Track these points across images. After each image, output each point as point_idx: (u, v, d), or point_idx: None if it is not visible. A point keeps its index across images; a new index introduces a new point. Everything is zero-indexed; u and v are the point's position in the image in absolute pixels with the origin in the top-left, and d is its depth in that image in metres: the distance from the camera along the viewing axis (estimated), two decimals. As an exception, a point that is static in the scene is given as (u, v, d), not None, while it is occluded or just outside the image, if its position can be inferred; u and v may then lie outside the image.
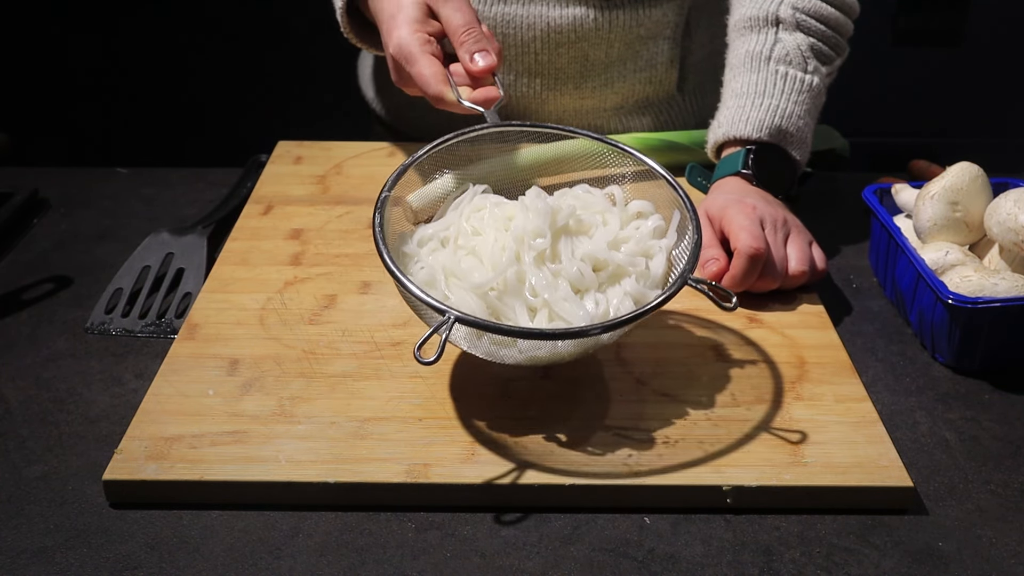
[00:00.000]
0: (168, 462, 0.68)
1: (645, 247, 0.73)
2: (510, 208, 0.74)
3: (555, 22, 1.05)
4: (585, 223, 0.74)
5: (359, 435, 0.70)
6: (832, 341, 0.82)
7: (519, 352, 0.68)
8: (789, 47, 0.95)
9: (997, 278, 0.79)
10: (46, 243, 1.00)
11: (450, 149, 0.77)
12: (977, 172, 0.86)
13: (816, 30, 0.96)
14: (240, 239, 0.96)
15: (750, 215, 0.86)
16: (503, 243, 0.71)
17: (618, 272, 0.72)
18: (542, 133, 0.79)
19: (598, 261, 0.72)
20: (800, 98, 0.94)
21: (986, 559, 0.64)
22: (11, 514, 0.66)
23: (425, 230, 0.75)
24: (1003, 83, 2.15)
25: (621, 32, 1.06)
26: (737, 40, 0.99)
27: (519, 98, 1.09)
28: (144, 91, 2.21)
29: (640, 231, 0.74)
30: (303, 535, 0.65)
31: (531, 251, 0.70)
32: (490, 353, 0.69)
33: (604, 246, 0.72)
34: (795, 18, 0.95)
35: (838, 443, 0.70)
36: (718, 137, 0.96)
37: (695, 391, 0.75)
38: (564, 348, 0.68)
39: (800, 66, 0.95)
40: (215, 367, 0.77)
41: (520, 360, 0.69)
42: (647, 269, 0.72)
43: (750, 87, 0.95)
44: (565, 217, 0.73)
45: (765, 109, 0.93)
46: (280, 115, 1.83)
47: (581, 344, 0.68)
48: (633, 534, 0.65)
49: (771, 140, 0.93)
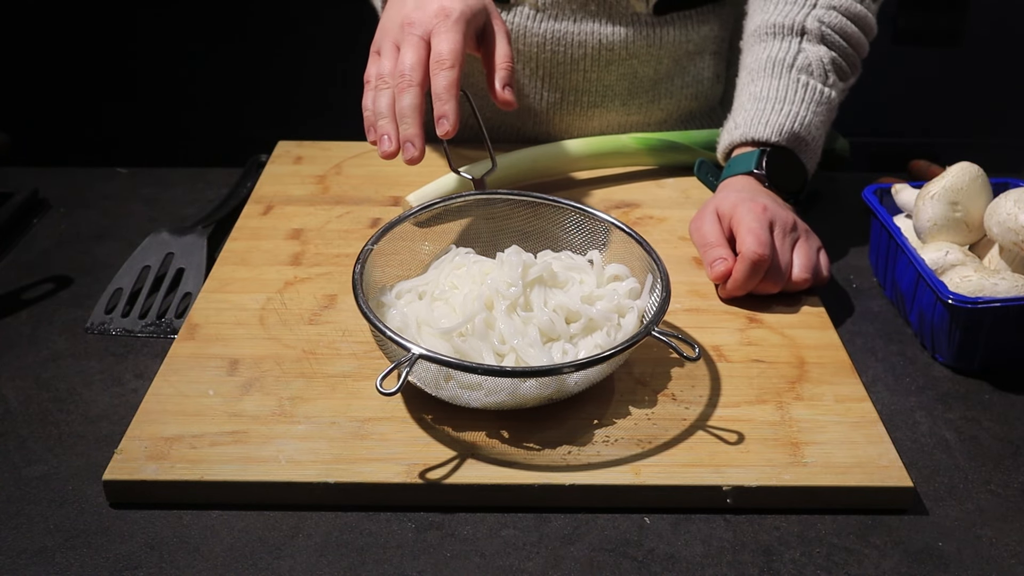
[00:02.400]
0: (168, 462, 0.68)
1: (619, 305, 0.74)
2: (488, 265, 0.77)
3: (607, 39, 1.05)
4: (561, 279, 0.76)
5: (359, 435, 0.70)
6: (832, 341, 0.82)
7: (484, 395, 0.68)
8: (812, 58, 0.95)
9: (997, 278, 0.79)
10: (46, 243, 1.00)
11: (437, 215, 0.81)
12: (977, 172, 0.86)
13: (838, 45, 0.96)
14: (240, 239, 0.96)
15: (759, 216, 0.86)
16: (476, 293, 0.73)
17: (590, 326, 0.73)
18: (528, 202, 0.82)
19: (571, 312, 0.73)
20: (818, 108, 0.95)
21: (986, 559, 0.64)
22: (11, 514, 0.66)
23: (404, 284, 0.78)
24: (1003, 83, 2.16)
25: (670, 48, 1.06)
26: (757, 45, 0.98)
27: (563, 115, 1.10)
28: (144, 91, 2.21)
29: (615, 291, 0.76)
30: (303, 535, 0.65)
31: (503, 300, 0.72)
32: (454, 397, 0.69)
33: (577, 299, 0.74)
34: (820, 31, 0.95)
35: (838, 443, 0.70)
36: (735, 138, 0.96)
37: (695, 391, 0.75)
38: (527, 390, 0.68)
39: (821, 78, 0.95)
40: (215, 367, 0.77)
41: (485, 403, 0.69)
42: (619, 325, 0.74)
43: (771, 92, 0.95)
44: (540, 270, 0.75)
45: (785, 115, 0.94)
46: (280, 115, 1.83)
47: (544, 386, 0.68)
48: (633, 534, 0.65)
49: (787, 145, 0.94)
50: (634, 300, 0.76)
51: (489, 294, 0.73)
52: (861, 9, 0.97)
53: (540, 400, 0.70)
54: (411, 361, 0.65)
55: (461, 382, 0.68)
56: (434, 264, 0.80)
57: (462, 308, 0.73)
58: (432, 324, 0.72)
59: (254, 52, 2.16)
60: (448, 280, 0.77)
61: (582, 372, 0.68)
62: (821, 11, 0.96)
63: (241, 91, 2.19)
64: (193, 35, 2.17)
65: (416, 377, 0.69)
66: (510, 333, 0.71)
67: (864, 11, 0.97)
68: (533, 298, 0.74)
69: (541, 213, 0.83)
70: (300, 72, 2.18)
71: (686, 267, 0.92)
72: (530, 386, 0.68)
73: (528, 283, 0.74)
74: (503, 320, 0.72)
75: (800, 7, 0.96)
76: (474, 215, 0.83)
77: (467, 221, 0.83)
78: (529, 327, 0.72)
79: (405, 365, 0.65)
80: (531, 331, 0.71)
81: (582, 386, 0.70)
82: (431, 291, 0.76)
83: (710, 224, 0.88)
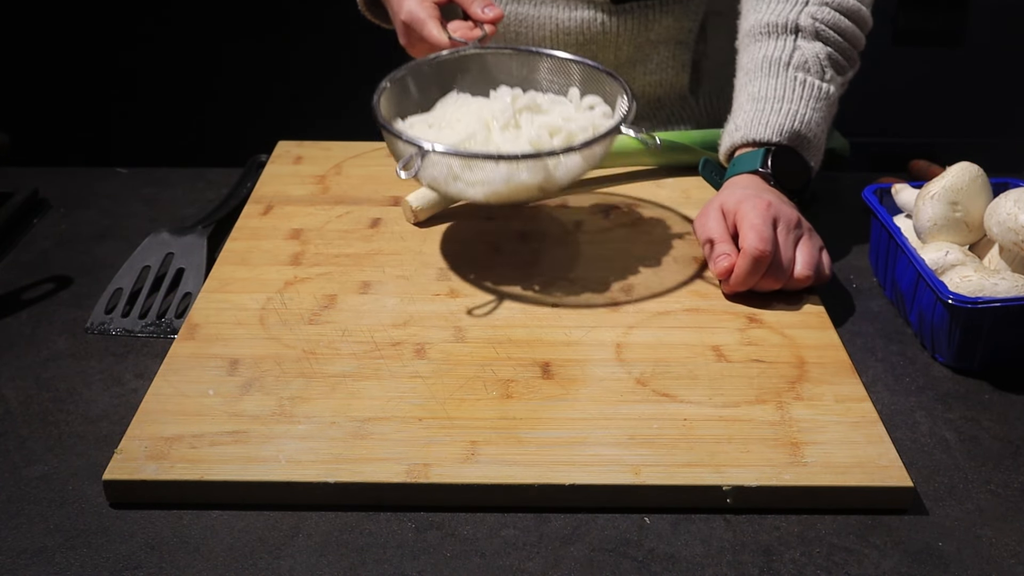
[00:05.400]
0: (168, 462, 0.68)
1: (595, 122, 0.88)
2: (485, 101, 0.92)
3: (563, 24, 1.07)
4: (544, 108, 0.91)
5: (359, 435, 0.70)
6: (832, 341, 0.82)
7: (484, 188, 0.82)
8: (808, 55, 0.95)
9: (997, 278, 0.79)
10: (46, 243, 1.00)
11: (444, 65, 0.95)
12: (977, 172, 0.86)
13: (833, 40, 0.96)
14: (240, 239, 0.96)
15: (763, 213, 0.86)
16: (476, 115, 0.88)
17: (570, 137, 0.86)
18: (516, 54, 0.96)
19: (554, 128, 0.87)
20: (817, 105, 0.95)
21: (986, 559, 0.64)
22: (11, 514, 0.66)
23: (413, 118, 0.91)
24: (1003, 83, 2.15)
25: (629, 36, 1.07)
26: (752, 45, 0.98)
27: None
28: (144, 91, 2.21)
29: (591, 112, 0.90)
30: (303, 535, 0.65)
31: (498, 121, 0.87)
32: (461, 192, 0.84)
33: (559, 118, 0.88)
34: (814, 27, 0.95)
35: (838, 443, 0.70)
36: (735, 140, 0.96)
37: (695, 391, 0.75)
38: (520, 178, 0.82)
39: (818, 74, 0.95)
40: (215, 367, 0.77)
41: (487, 194, 0.83)
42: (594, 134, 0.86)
43: (769, 91, 0.95)
44: (527, 100, 0.90)
45: (784, 114, 0.94)
46: (280, 115, 1.83)
47: (533, 173, 0.82)
48: (633, 534, 0.65)
49: (789, 144, 0.94)
50: (607, 120, 0.89)
51: (486, 117, 0.88)
52: (854, 3, 0.97)
53: (532, 191, 0.84)
54: (422, 154, 0.80)
55: (465, 179, 0.82)
56: (439, 103, 0.93)
57: (464, 129, 0.87)
58: (441, 141, 0.84)
59: (254, 52, 2.16)
60: (453, 114, 0.90)
61: (564, 162, 0.83)
62: (814, 7, 0.96)
63: (241, 91, 2.19)
64: (193, 35, 2.17)
65: (427, 175, 0.83)
66: (504, 143, 0.86)
67: (857, 4, 0.97)
68: (522, 120, 0.88)
69: (527, 62, 0.95)
70: (300, 72, 2.18)
71: (686, 267, 0.92)
72: (522, 173, 0.81)
73: (518, 109, 0.89)
74: (498, 134, 0.86)
75: (793, 5, 0.96)
76: (472, 68, 0.96)
77: (464, 73, 0.96)
78: (520, 140, 0.86)
79: (417, 157, 0.79)
80: (522, 142, 0.86)
81: (566, 179, 0.84)
82: (438, 122, 0.90)
83: (714, 220, 0.89)
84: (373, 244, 0.95)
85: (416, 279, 0.89)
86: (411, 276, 0.90)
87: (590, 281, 0.89)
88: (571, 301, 0.86)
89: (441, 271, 0.91)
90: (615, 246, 0.95)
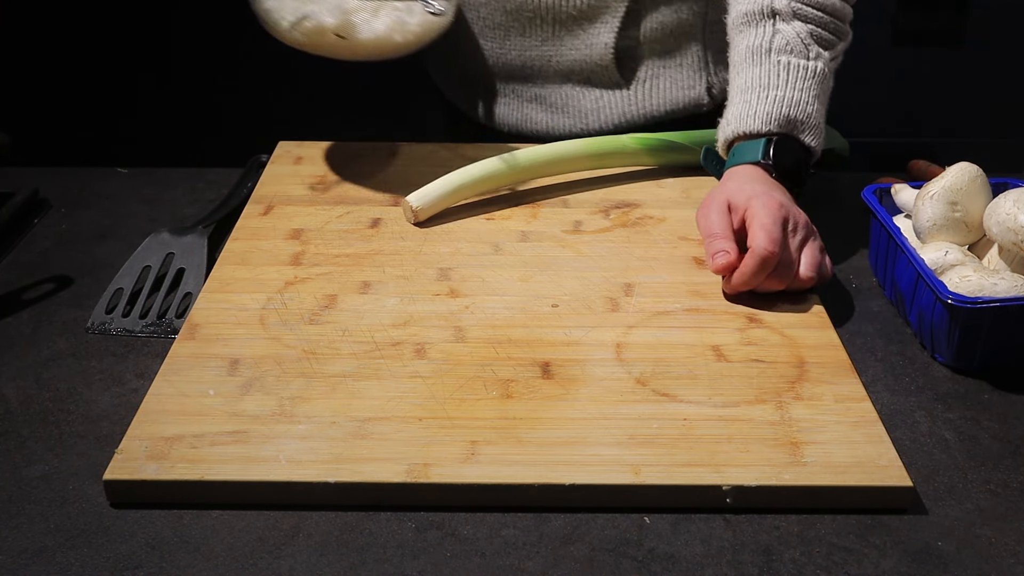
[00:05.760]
0: (168, 462, 0.68)
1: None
2: None
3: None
4: None
5: (359, 435, 0.70)
6: (832, 341, 0.82)
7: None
8: (788, 36, 0.95)
9: (997, 278, 0.79)
10: (46, 243, 1.00)
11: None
12: (977, 172, 0.86)
13: (814, 17, 0.96)
14: (240, 239, 0.96)
15: (775, 213, 0.86)
16: None
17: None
18: None
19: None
20: (806, 84, 0.94)
21: (986, 559, 0.64)
22: (11, 514, 0.66)
23: None
24: (1003, 83, 2.15)
25: (552, 9, 1.09)
26: (737, 37, 0.99)
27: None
28: (144, 91, 2.21)
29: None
30: (303, 535, 0.65)
31: None
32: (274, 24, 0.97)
33: None
34: (791, 7, 0.95)
35: (837, 443, 0.70)
36: (728, 135, 0.96)
37: (695, 391, 0.75)
38: (324, 19, 0.93)
39: (802, 54, 0.95)
40: (215, 367, 0.77)
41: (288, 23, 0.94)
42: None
43: (754, 81, 0.95)
44: None
45: (772, 101, 0.93)
46: (280, 115, 1.83)
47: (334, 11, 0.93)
48: (633, 534, 0.65)
49: (782, 131, 0.93)
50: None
51: None
52: None
53: (328, 36, 0.93)
54: None
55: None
56: None
57: None
58: None
59: (254, 52, 2.15)
60: None
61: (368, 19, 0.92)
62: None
63: (242, 91, 2.19)
64: (193, 35, 2.17)
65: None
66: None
67: None
68: None
69: None
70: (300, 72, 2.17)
71: (686, 267, 0.92)
72: (324, 16, 0.92)
73: None
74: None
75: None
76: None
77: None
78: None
79: None
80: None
81: (370, 39, 0.93)
82: None
83: (718, 215, 0.88)
84: (373, 244, 0.95)
85: (416, 279, 0.89)
86: (411, 276, 0.90)
87: (590, 281, 0.89)
88: (571, 301, 0.86)
89: (441, 271, 0.91)
90: (615, 246, 0.95)
